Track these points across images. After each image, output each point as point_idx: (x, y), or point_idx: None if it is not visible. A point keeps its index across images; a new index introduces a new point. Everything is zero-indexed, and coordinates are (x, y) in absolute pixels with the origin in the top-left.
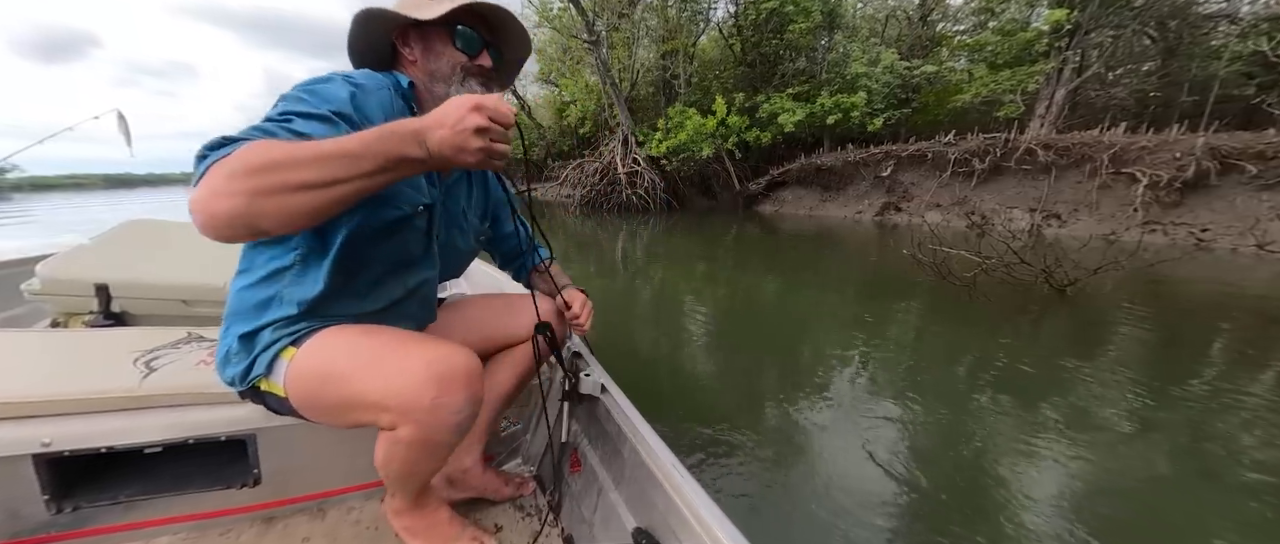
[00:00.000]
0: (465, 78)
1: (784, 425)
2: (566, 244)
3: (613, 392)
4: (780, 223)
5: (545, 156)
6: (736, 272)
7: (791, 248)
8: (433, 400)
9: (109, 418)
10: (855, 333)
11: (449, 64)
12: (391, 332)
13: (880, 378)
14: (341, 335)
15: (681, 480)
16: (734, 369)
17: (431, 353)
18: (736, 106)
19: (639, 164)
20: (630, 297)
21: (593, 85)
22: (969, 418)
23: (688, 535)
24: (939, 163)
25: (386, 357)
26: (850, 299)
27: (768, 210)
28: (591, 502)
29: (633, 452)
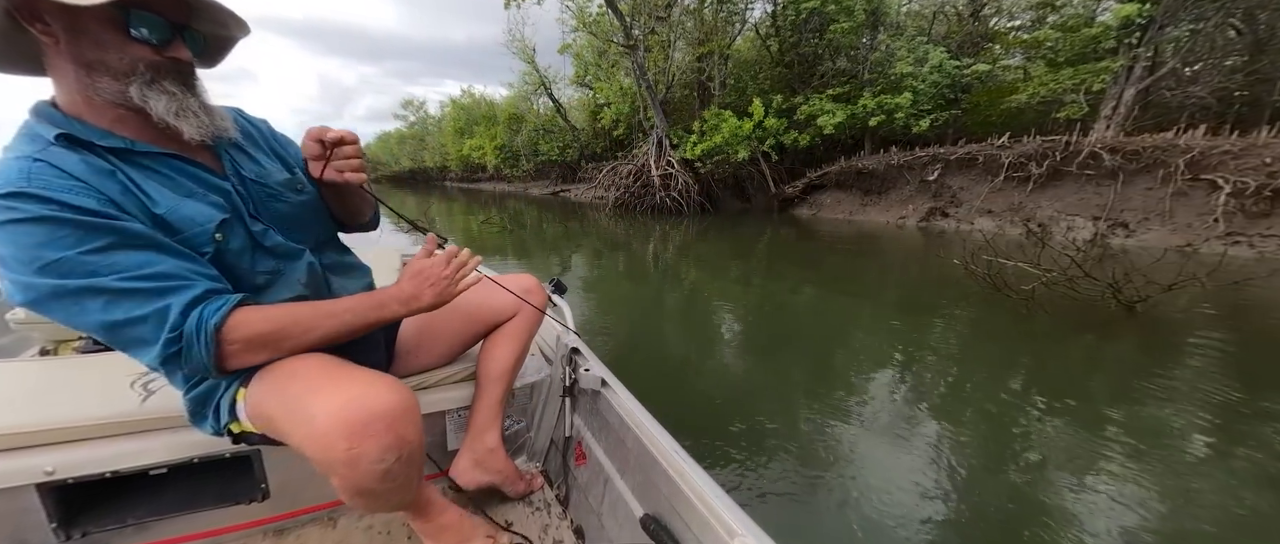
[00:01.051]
0: (155, 78)
1: (811, 436)
2: (598, 243)
3: (613, 385)
4: (817, 227)
5: (578, 158)
6: (769, 276)
7: (828, 253)
8: (346, 452)
9: (111, 443)
10: (894, 344)
11: (125, 59)
12: (315, 366)
13: (918, 393)
14: (271, 374)
15: (686, 465)
16: (762, 376)
17: (344, 395)
18: (774, 108)
19: (672, 166)
20: (659, 299)
21: (627, 88)
22: (1015, 443)
23: (694, 518)
24: (991, 166)
25: (302, 401)
26: (890, 309)
27: (804, 214)
28: (598, 492)
29: (636, 441)
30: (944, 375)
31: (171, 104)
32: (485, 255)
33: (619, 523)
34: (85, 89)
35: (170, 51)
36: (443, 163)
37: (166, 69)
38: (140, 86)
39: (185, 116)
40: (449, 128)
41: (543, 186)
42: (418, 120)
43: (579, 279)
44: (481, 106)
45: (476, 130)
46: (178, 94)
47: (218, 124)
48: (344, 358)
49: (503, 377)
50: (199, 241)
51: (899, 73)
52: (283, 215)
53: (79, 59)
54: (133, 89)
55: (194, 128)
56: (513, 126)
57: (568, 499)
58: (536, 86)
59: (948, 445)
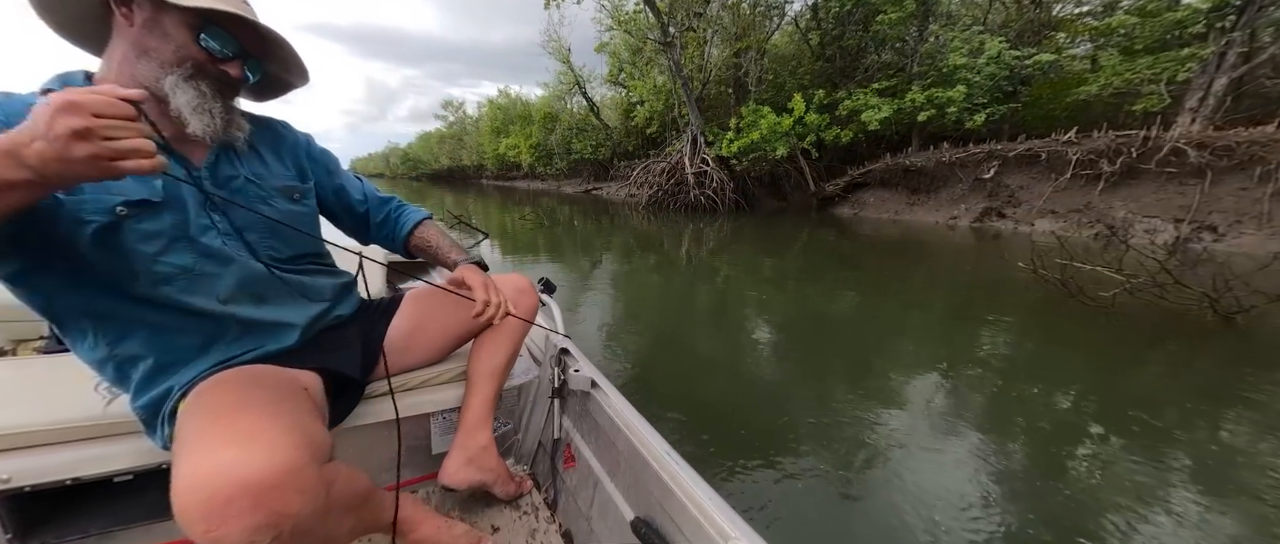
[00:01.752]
0: (194, 75)
1: (844, 451)
2: (628, 240)
3: (603, 386)
4: (859, 227)
5: (611, 156)
6: (806, 277)
7: (870, 254)
8: (204, 534)
9: (72, 448)
10: (943, 352)
11: (177, 52)
12: (223, 398)
13: (969, 407)
14: (198, 395)
15: (677, 467)
16: (794, 382)
17: (210, 460)
18: (815, 104)
19: (707, 164)
20: (688, 298)
21: (661, 86)
22: (1078, 466)
23: (687, 521)
24: (1056, 164)
25: (180, 456)
26: (940, 314)
27: (845, 213)
28: (588, 495)
29: (627, 443)
30: (1000, 388)
31: (194, 100)
32: (520, 251)
33: (609, 526)
34: (123, 67)
35: (224, 65)
36: (479, 161)
37: (209, 74)
38: (177, 78)
39: (199, 114)
40: (486, 127)
41: (575, 184)
42: (456, 120)
43: (608, 275)
44: (517, 106)
45: (512, 130)
46: (206, 95)
47: (228, 132)
48: (316, 358)
49: (495, 374)
50: (91, 207)
51: (951, 65)
52: (265, 219)
53: (138, 44)
54: (168, 79)
55: (202, 126)
56: (547, 126)
57: (556, 503)
58: (571, 86)
59: (1009, 470)
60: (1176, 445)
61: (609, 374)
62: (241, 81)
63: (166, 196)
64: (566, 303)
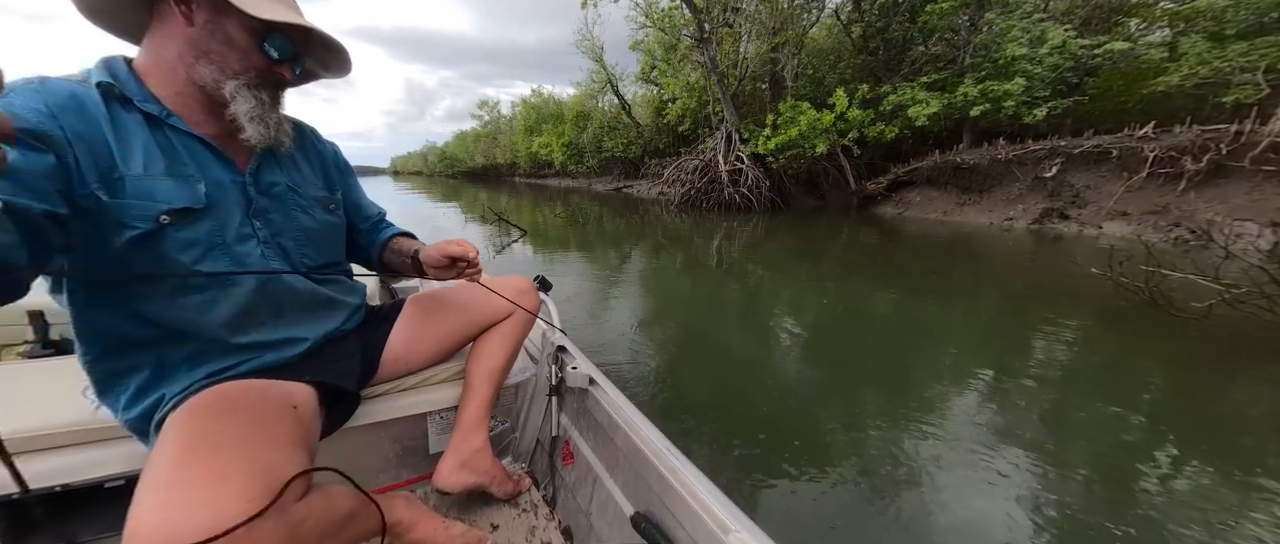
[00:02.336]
0: (256, 83)
1: (878, 467)
2: (659, 238)
3: (601, 382)
4: (903, 227)
5: (641, 154)
6: (844, 279)
7: (915, 256)
8: None
9: (62, 454)
10: (990, 361)
11: (241, 59)
12: (195, 431)
13: (1019, 422)
14: (184, 412)
15: (676, 462)
16: (826, 388)
17: (164, 511)
18: (858, 99)
19: (742, 161)
20: (718, 298)
21: (695, 83)
22: (1154, 502)
23: (687, 515)
24: (1130, 161)
25: (141, 489)
26: (990, 320)
27: (889, 213)
28: (587, 492)
29: (625, 439)
30: (1062, 406)
31: (256, 109)
32: (551, 246)
33: (608, 522)
34: (177, 66)
35: (279, 68)
36: (513, 160)
37: (269, 81)
38: (239, 85)
39: (257, 123)
40: (519, 126)
41: (606, 182)
42: (491, 120)
43: (636, 273)
44: (550, 105)
45: (545, 128)
46: (265, 102)
47: (279, 137)
48: (314, 371)
49: (493, 377)
50: (134, 213)
51: (1008, 56)
52: (303, 228)
53: (199, 45)
54: (229, 85)
55: (258, 133)
56: (579, 124)
57: (555, 500)
58: (603, 84)
59: (1062, 498)
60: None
61: (634, 376)
62: (290, 83)
63: (209, 202)
64: (594, 300)
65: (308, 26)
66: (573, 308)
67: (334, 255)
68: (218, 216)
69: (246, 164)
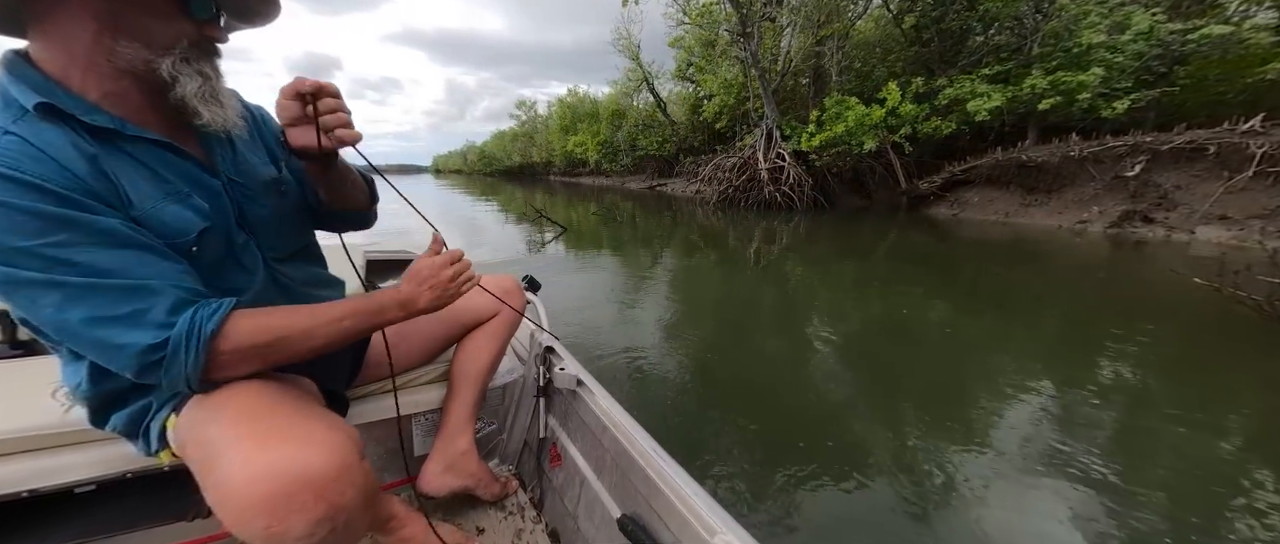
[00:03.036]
0: (193, 57)
1: (911, 473)
2: (694, 236)
3: (589, 384)
4: (958, 229)
5: (677, 152)
6: (890, 282)
7: (971, 260)
8: (264, 530)
9: (30, 458)
10: (1055, 376)
11: (167, 29)
12: (245, 401)
13: (1089, 447)
14: (202, 403)
15: (664, 464)
16: (865, 396)
17: (265, 456)
18: (912, 92)
19: (783, 159)
20: (753, 302)
21: (732, 79)
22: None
23: (673, 518)
24: (1231, 160)
25: (219, 453)
26: (1056, 332)
27: (942, 214)
28: (574, 494)
29: (613, 441)
30: (1146, 431)
31: (204, 88)
32: (585, 245)
33: (595, 525)
34: (95, 52)
35: (209, 30)
36: (548, 158)
37: (206, 49)
38: (175, 62)
39: (211, 102)
40: (555, 125)
41: (640, 181)
42: (528, 119)
43: (669, 272)
44: (585, 105)
45: (580, 127)
46: (211, 77)
47: (231, 116)
48: (308, 367)
49: (479, 378)
50: (171, 244)
51: (1083, 44)
52: (259, 220)
53: (109, 21)
54: (165, 63)
55: (216, 116)
56: (614, 123)
57: (542, 502)
58: (639, 83)
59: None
60: None
61: (660, 376)
62: (222, 43)
63: (211, 215)
64: (624, 299)
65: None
66: (605, 307)
67: (301, 239)
68: (221, 228)
69: (212, 162)
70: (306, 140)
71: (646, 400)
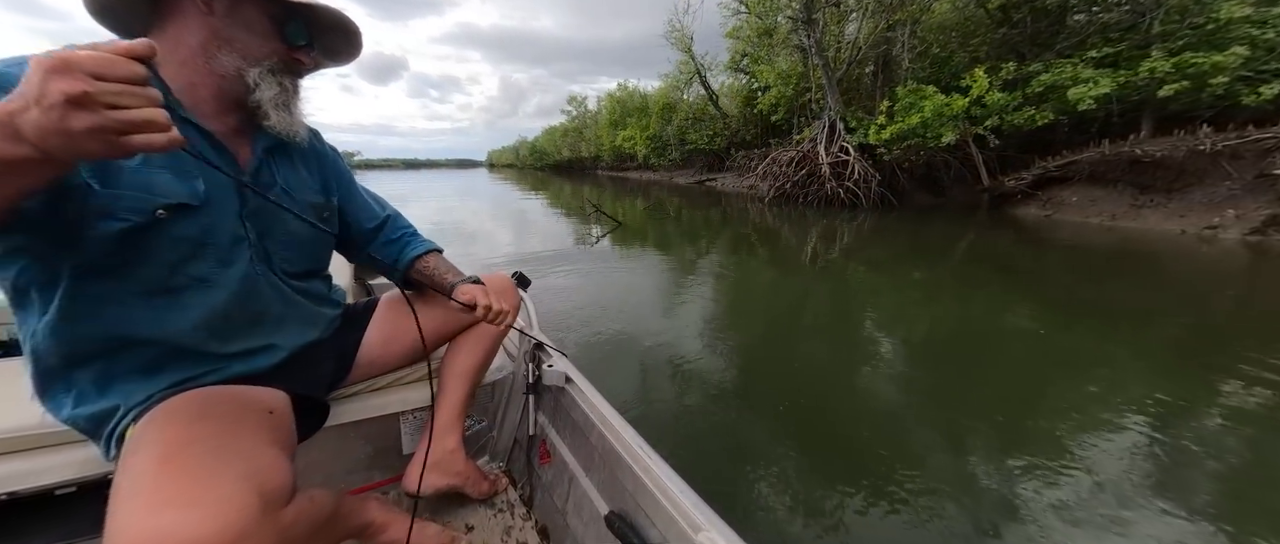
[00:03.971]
0: (278, 69)
1: (981, 505)
2: (747, 233)
3: (577, 381)
4: (1051, 232)
5: (727, 146)
6: (966, 289)
7: (1065, 267)
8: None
9: (7, 461)
10: (1171, 403)
11: (264, 46)
12: (170, 442)
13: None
14: (153, 422)
15: (650, 461)
16: (929, 411)
17: (155, 521)
18: (1000, 79)
19: (847, 153)
20: (810, 302)
21: (790, 69)
22: None
23: (659, 514)
24: None
25: (123, 493)
26: (1170, 353)
27: (1031, 214)
28: (563, 491)
29: (600, 438)
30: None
31: (280, 96)
32: (638, 240)
33: (584, 522)
34: (198, 57)
35: (299, 54)
36: (596, 153)
37: (290, 67)
38: (261, 72)
39: (281, 109)
40: (604, 120)
41: (688, 175)
42: (578, 115)
43: (718, 268)
44: (634, 99)
45: (629, 121)
46: (288, 89)
47: (295, 127)
48: (284, 380)
49: (469, 376)
50: (129, 204)
51: (1222, 19)
52: (291, 233)
53: (219, 33)
54: (252, 72)
55: (282, 121)
56: (664, 117)
57: (532, 499)
58: (690, 76)
59: None
60: None
61: (702, 374)
62: (307, 70)
63: (206, 199)
64: (674, 296)
65: (326, 6)
66: (654, 303)
67: (317, 264)
68: (212, 215)
69: (247, 162)
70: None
71: (686, 407)
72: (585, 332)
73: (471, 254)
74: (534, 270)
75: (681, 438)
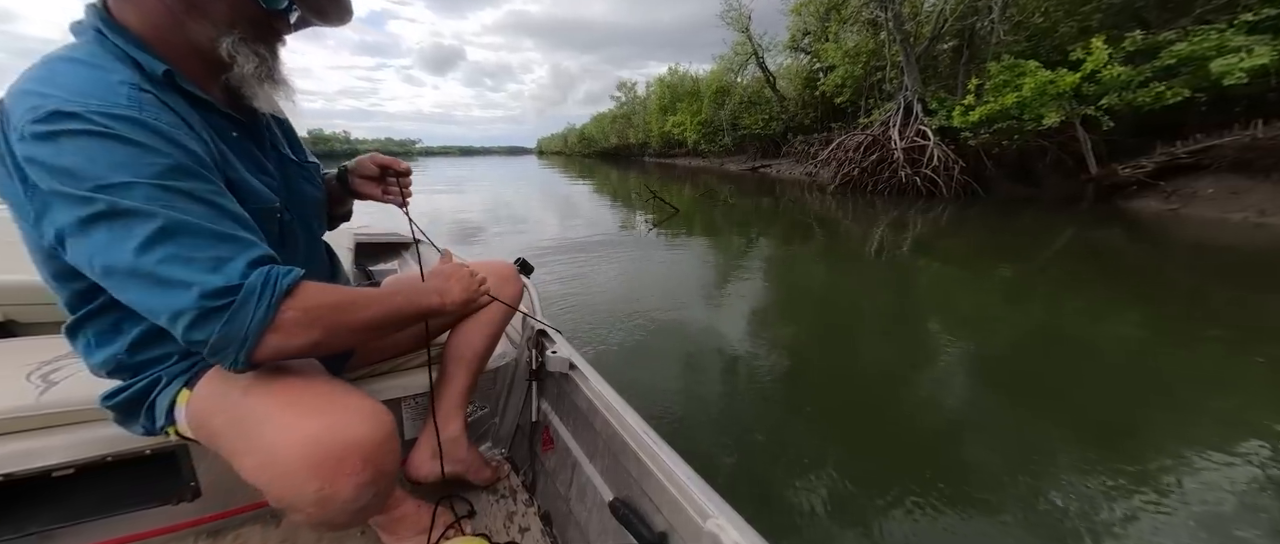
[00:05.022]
0: (252, 36)
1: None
2: (806, 220)
3: (581, 367)
4: (1177, 229)
5: (784, 131)
6: (1063, 291)
7: (1195, 270)
8: (316, 492)
9: (3, 442)
10: None
11: (232, 9)
12: (283, 379)
13: None
14: (227, 381)
15: (655, 447)
16: (1018, 425)
17: (312, 424)
18: (1123, 50)
19: (926, 137)
20: (876, 300)
21: (859, 47)
22: None
23: (666, 501)
24: None
25: (258, 425)
26: None
27: (1150, 208)
28: (566, 478)
29: (605, 424)
30: None
31: (261, 68)
32: (688, 228)
33: (588, 508)
34: (168, 27)
35: (274, 18)
36: (644, 139)
37: (266, 31)
38: (236, 41)
39: (265, 83)
40: (654, 105)
41: (739, 162)
42: (628, 101)
43: (778, 261)
44: (686, 83)
45: (680, 106)
46: (268, 59)
47: (280, 102)
48: None
49: (471, 363)
50: (259, 205)
51: None
52: (310, 201)
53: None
54: (225, 41)
55: (267, 99)
56: (717, 100)
57: (535, 486)
58: (747, 57)
59: None
60: None
61: (755, 383)
62: (286, 34)
63: (278, 193)
64: (722, 287)
65: None
66: (711, 294)
67: (324, 228)
68: (281, 204)
69: (263, 144)
70: (371, 193)
71: (734, 409)
72: (630, 323)
73: (521, 234)
74: (581, 258)
75: (720, 437)
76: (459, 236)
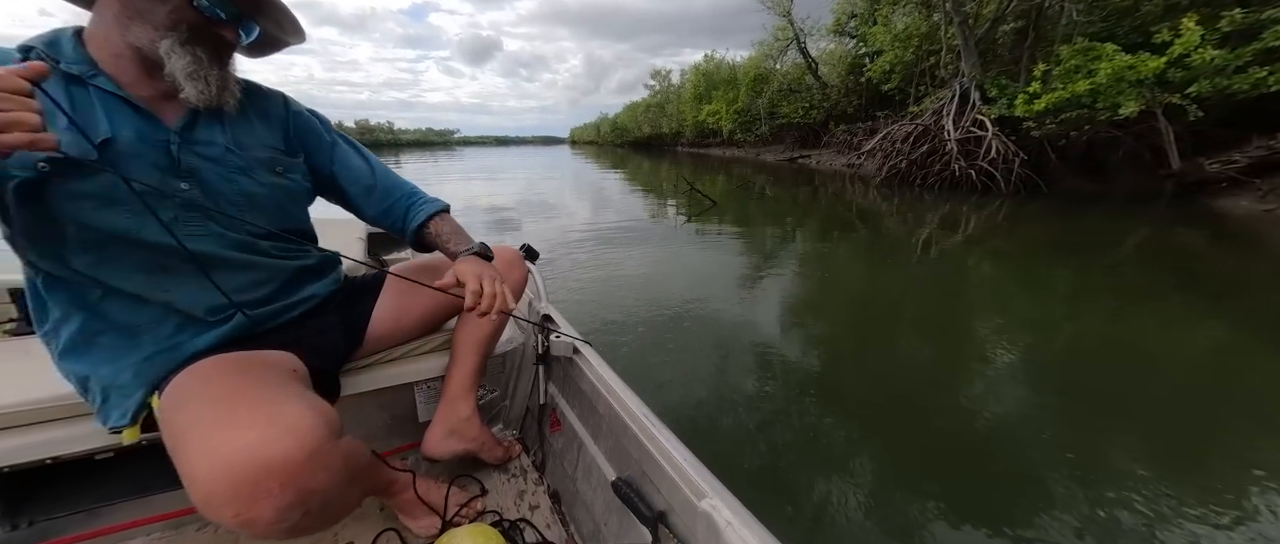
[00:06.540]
0: (190, 40)
1: None
2: (848, 215)
3: (585, 351)
4: (1272, 231)
5: (825, 120)
6: (1131, 297)
7: None
8: (234, 518)
9: (50, 428)
10: None
11: (170, 15)
12: (221, 380)
13: None
14: (181, 390)
15: (656, 430)
16: (1073, 429)
17: (230, 443)
18: (1218, 31)
19: (983, 128)
20: (924, 302)
21: (908, 30)
22: None
23: (664, 481)
24: None
25: (187, 438)
26: None
27: (1239, 208)
28: (572, 458)
29: (608, 406)
30: None
31: (191, 66)
32: (724, 220)
33: (593, 487)
34: (113, 28)
35: (219, 29)
36: (678, 129)
37: (205, 37)
38: (173, 43)
39: (195, 80)
40: (688, 94)
41: (776, 152)
42: (661, 89)
43: (813, 250)
44: (722, 71)
45: (715, 95)
46: (202, 60)
47: (221, 97)
48: (297, 346)
49: (480, 346)
50: (16, 161)
51: None
52: (245, 192)
53: (129, 4)
54: (163, 43)
55: (197, 93)
56: (755, 88)
57: (544, 465)
58: (787, 42)
59: None
60: None
61: (793, 366)
62: (237, 44)
63: (110, 157)
64: (772, 283)
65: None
66: (751, 288)
67: (291, 221)
68: (120, 171)
69: (174, 122)
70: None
71: (766, 411)
72: (663, 316)
73: (552, 222)
74: (611, 249)
75: (741, 434)
76: (494, 227)
